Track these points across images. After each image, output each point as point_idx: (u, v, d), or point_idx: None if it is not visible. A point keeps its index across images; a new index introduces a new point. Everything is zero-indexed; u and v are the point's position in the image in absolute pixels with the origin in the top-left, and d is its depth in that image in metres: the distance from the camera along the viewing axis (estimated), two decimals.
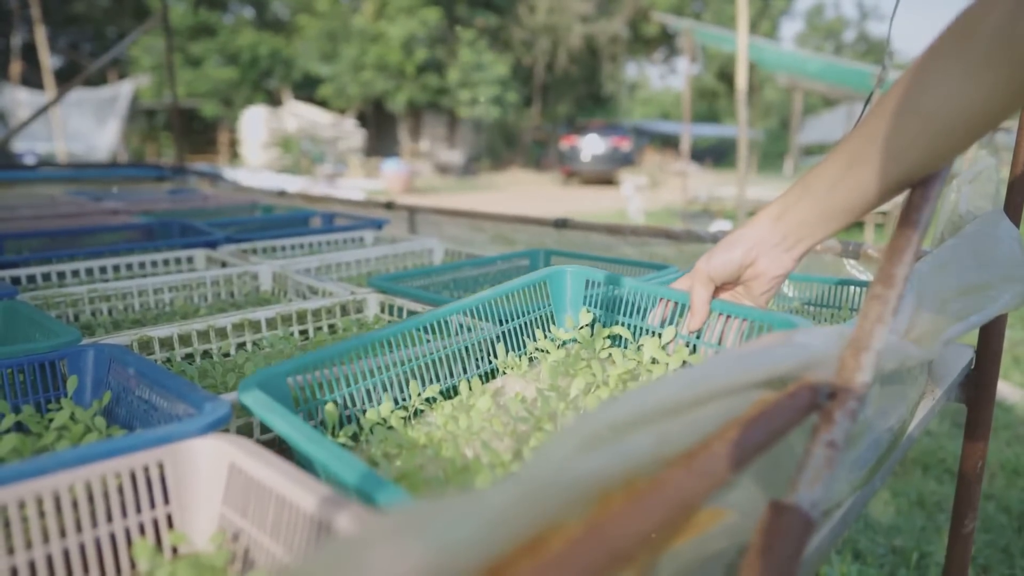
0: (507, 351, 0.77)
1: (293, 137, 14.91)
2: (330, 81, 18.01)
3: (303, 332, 0.92)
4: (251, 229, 1.64)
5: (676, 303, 0.76)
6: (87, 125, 11.42)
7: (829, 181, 0.59)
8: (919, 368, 0.79)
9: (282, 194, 2.39)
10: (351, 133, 16.36)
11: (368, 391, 0.65)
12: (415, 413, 0.67)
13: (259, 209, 2.00)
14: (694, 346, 0.73)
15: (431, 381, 0.70)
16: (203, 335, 0.83)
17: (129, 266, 1.19)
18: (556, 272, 0.83)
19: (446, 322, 0.73)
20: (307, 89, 18.78)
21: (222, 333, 0.85)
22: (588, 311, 0.82)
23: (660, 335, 0.75)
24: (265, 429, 0.66)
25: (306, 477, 0.41)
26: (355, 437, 0.63)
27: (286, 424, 0.48)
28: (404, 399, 0.68)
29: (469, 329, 0.75)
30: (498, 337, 0.77)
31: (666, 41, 26.51)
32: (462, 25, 19.03)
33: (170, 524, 0.46)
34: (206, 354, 0.84)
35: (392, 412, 0.65)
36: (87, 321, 0.97)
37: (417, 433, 0.62)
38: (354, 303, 0.96)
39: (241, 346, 0.87)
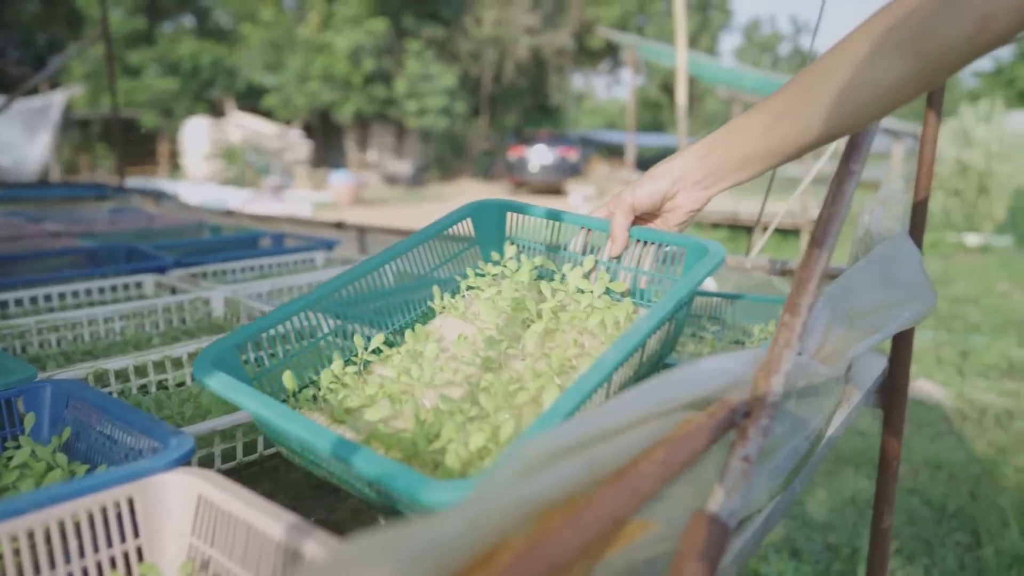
0: (442, 293, 0.80)
1: (237, 148, 14.60)
2: (275, 91, 17.72)
3: None
4: (200, 251, 1.64)
5: (596, 231, 0.80)
6: (15, 136, 10.92)
7: (757, 130, 0.65)
8: (834, 380, 0.87)
9: (230, 214, 2.37)
10: (297, 144, 16.12)
11: (317, 352, 0.68)
12: (364, 365, 0.70)
13: (207, 229, 1.98)
14: (614, 272, 0.78)
15: (375, 332, 0.73)
16: (159, 365, 0.84)
17: (75, 293, 1.19)
18: (478, 207, 0.85)
19: (380, 273, 0.74)
20: (251, 99, 18.42)
21: (178, 363, 0.86)
22: (512, 243, 0.85)
23: (582, 263, 0.80)
24: (227, 458, 0.69)
25: (273, 506, 0.45)
26: (314, 399, 0.65)
27: (257, 404, 0.51)
28: (352, 355, 0.70)
29: (403, 277, 0.77)
30: (431, 279, 0.79)
31: (611, 53, 27.05)
32: (409, 36, 19.02)
33: (140, 556, 0.48)
34: (161, 384, 0.86)
35: (344, 369, 0.67)
36: (36, 354, 0.97)
37: (373, 387, 0.64)
38: None
39: None
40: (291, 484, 0.68)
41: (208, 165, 14.58)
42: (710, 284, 1.64)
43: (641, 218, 0.78)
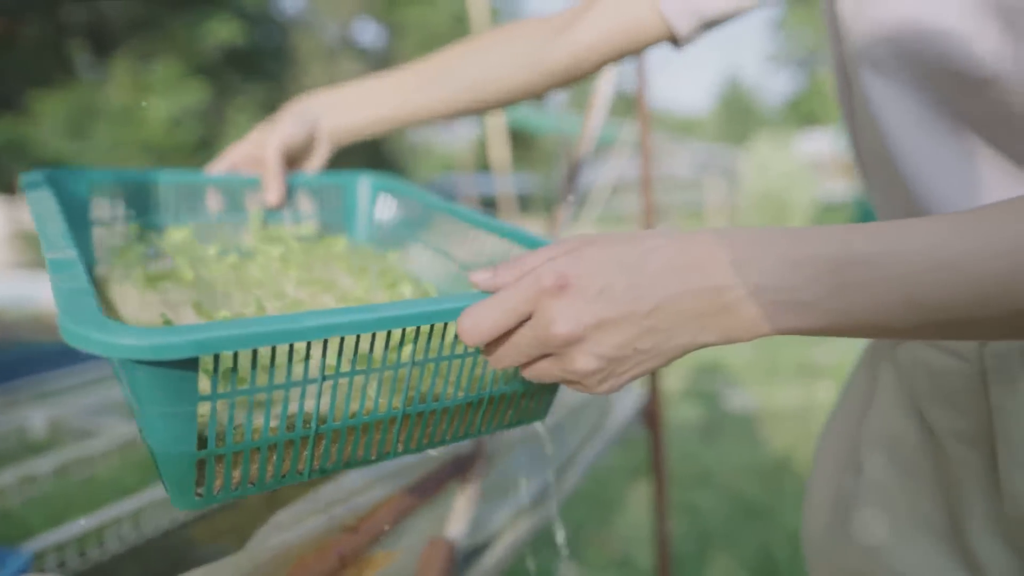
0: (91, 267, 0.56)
1: None
2: (81, 162, 16.42)
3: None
4: (14, 365, 1.62)
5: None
6: None
7: (392, 99, 0.73)
8: (573, 423, 1.11)
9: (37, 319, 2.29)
10: None
11: None
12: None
13: (19, 344, 1.93)
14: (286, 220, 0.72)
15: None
16: None
17: None
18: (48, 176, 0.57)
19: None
20: None
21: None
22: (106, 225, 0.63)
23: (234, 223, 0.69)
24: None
25: None
26: None
27: None
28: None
29: None
30: None
31: None
32: (233, 95, 18.51)
33: None
34: None
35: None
36: None
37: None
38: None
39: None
40: None
41: (7, 249, 13.12)
42: None
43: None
